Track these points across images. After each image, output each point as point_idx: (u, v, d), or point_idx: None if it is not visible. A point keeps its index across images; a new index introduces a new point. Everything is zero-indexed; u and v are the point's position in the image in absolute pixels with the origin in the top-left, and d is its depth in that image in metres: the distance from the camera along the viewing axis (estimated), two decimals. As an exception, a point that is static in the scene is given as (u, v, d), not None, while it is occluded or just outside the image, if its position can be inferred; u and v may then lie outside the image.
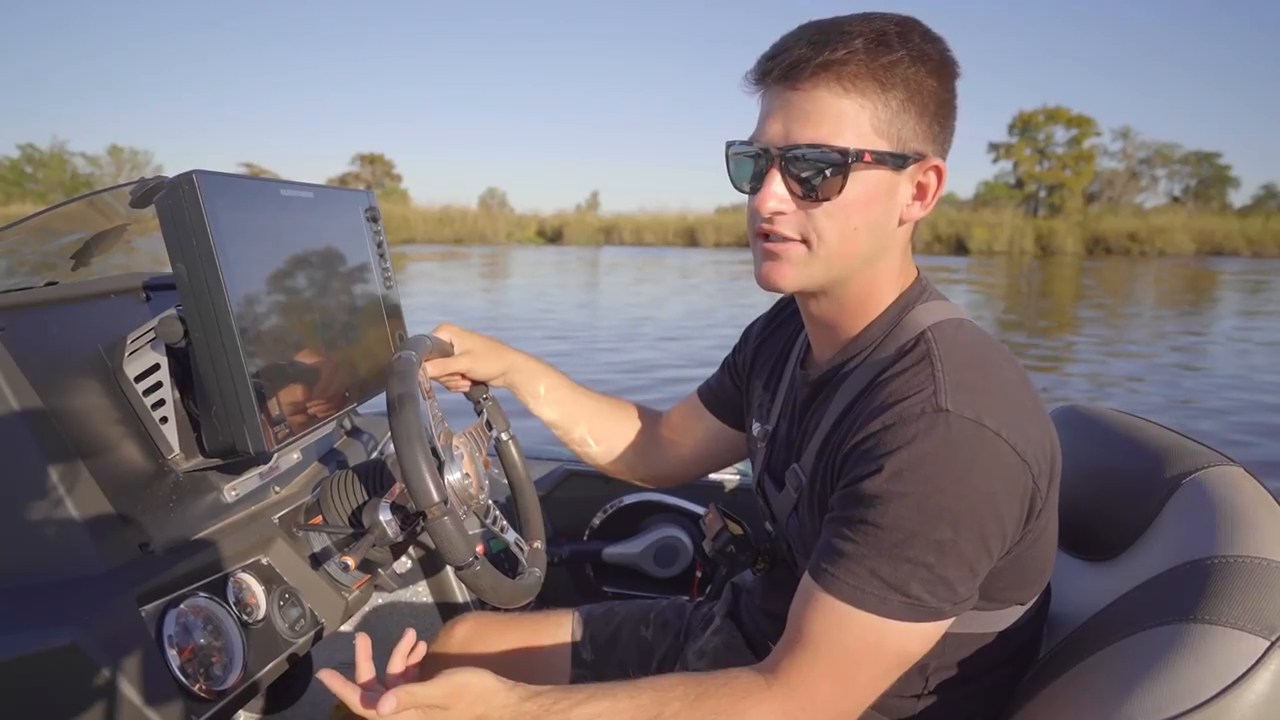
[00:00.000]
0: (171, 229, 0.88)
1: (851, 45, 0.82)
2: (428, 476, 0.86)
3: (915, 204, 0.90)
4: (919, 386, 0.82)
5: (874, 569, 0.79)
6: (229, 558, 0.98)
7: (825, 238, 0.87)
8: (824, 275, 0.90)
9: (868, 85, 0.83)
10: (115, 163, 49.21)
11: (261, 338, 0.95)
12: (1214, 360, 9.89)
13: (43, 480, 0.84)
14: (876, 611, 0.79)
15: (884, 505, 0.79)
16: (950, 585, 0.79)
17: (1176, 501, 0.94)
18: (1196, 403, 7.51)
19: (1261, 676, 0.72)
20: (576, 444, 1.31)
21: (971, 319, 0.93)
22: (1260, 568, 0.80)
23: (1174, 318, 14.78)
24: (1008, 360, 0.89)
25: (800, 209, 0.87)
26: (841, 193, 0.85)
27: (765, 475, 1.09)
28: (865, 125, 0.84)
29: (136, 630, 0.82)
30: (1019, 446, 0.80)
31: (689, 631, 1.27)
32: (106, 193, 1.20)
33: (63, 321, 0.98)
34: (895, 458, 0.79)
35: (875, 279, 0.93)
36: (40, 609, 0.80)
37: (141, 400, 0.99)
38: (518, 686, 0.86)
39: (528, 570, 1.12)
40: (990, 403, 0.81)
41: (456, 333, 1.19)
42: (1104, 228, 41.84)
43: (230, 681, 0.91)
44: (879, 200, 0.87)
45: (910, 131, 0.86)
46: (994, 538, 0.80)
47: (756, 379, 1.18)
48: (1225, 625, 0.76)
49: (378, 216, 1.32)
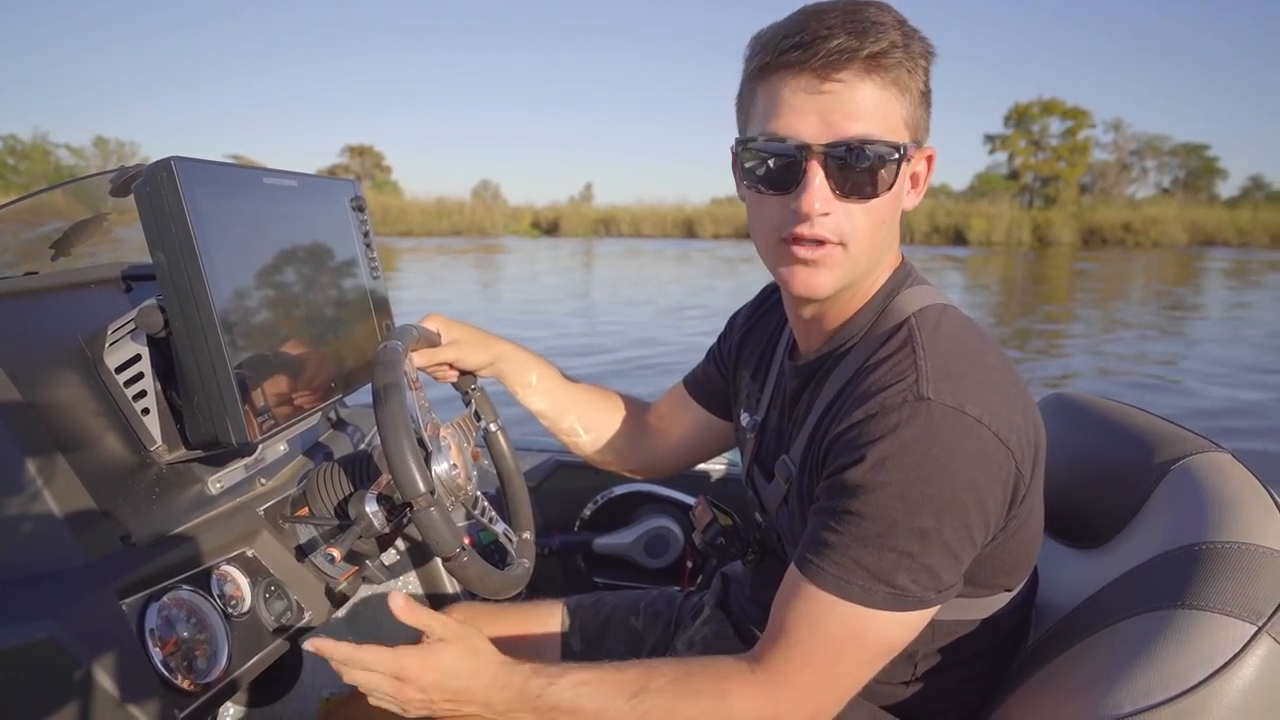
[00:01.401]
0: (150, 217, 0.87)
1: (890, 37, 0.81)
2: (414, 467, 0.85)
3: (912, 193, 0.91)
4: (901, 375, 0.82)
5: (858, 559, 0.79)
6: (213, 550, 0.97)
7: (861, 237, 0.85)
8: (853, 276, 0.89)
9: (901, 77, 0.83)
10: (101, 154, 48.09)
11: (244, 327, 0.94)
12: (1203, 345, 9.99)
13: (20, 473, 0.83)
14: (861, 602, 0.79)
15: (867, 495, 0.78)
16: (935, 573, 0.79)
17: (1165, 488, 0.94)
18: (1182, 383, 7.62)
19: (1249, 661, 0.72)
20: (565, 434, 1.31)
21: (955, 304, 0.93)
22: (1247, 553, 0.80)
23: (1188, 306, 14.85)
24: (990, 346, 0.88)
25: (842, 208, 0.84)
26: (891, 188, 0.84)
27: (755, 466, 1.08)
28: (898, 118, 0.83)
29: (117, 623, 0.81)
30: (1001, 433, 0.79)
31: (679, 621, 1.27)
32: (86, 180, 1.18)
33: (41, 312, 0.97)
34: (878, 447, 0.79)
35: (871, 270, 0.92)
36: (17, 602, 0.79)
37: (123, 391, 0.98)
38: (507, 663, 0.90)
39: (516, 561, 1.12)
40: (972, 390, 0.80)
41: (443, 322, 1.18)
42: (1099, 219, 42.03)
43: (214, 675, 0.90)
44: (901, 193, 0.87)
45: (922, 122, 0.87)
46: (977, 525, 0.80)
47: (744, 369, 1.17)
48: (1213, 611, 0.76)
49: (364, 206, 1.31)
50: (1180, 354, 9.53)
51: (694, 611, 1.26)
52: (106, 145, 48.55)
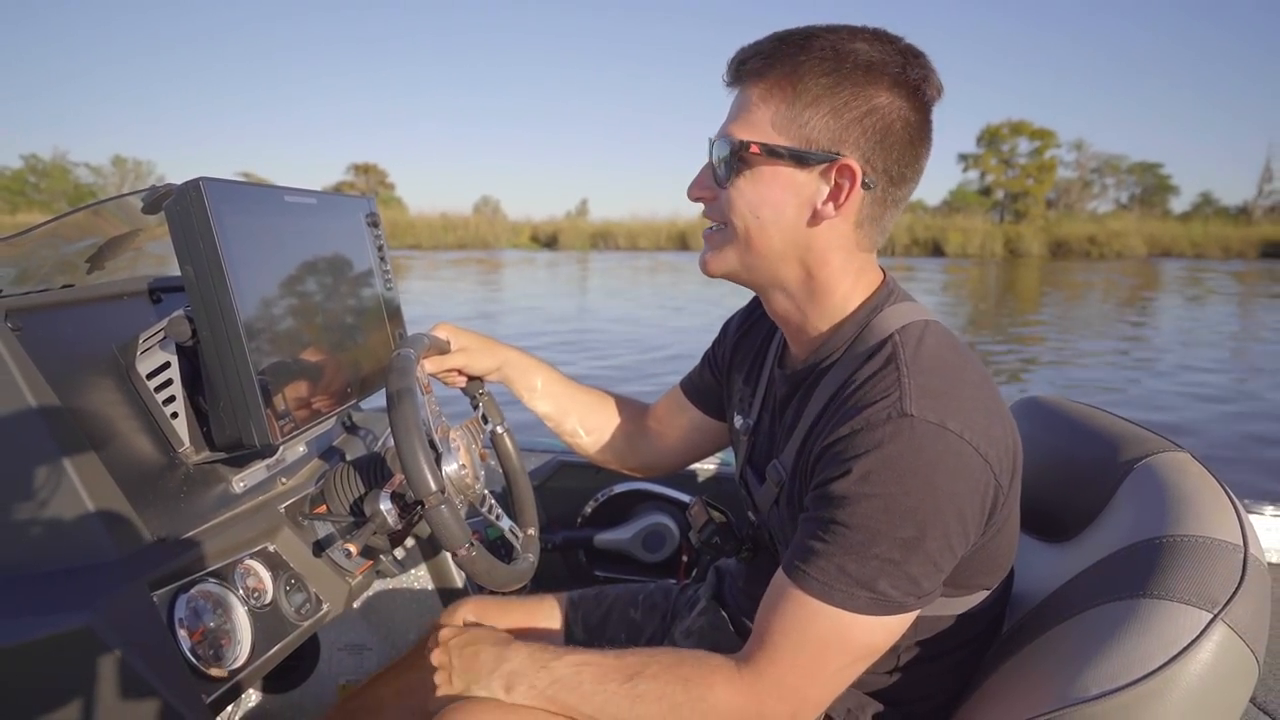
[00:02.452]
0: (179, 233, 0.87)
1: (769, 45, 0.86)
2: (425, 467, 0.85)
3: (829, 204, 0.86)
4: (885, 391, 0.82)
5: (842, 566, 0.79)
6: (237, 545, 0.98)
7: (733, 223, 0.90)
8: (743, 265, 0.93)
9: (776, 83, 0.85)
10: (119, 173, 48.09)
11: (266, 336, 0.95)
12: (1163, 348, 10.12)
13: (59, 472, 0.83)
14: (844, 606, 0.79)
15: (853, 506, 0.79)
16: (915, 581, 0.79)
17: (1129, 485, 0.95)
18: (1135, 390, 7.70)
19: (1205, 646, 0.73)
20: (568, 435, 1.31)
21: (937, 319, 0.93)
22: (1204, 545, 0.81)
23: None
24: (971, 362, 0.88)
25: (719, 194, 0.90)
26: (739, 177, 0.88)
27: (748, 467, 1.08)
28: (765, 122, 0.86)
29: (148, 614, 0.82)
30: (981, 448, 0.79)
31: (676, 613, 1.27)
32: (119, 200, 1.19)
33: (77, 322, 0.98)
34: (863, 461, 0.79)
35: (823, 279, 0.91)
36: (55, 594, 0.79)
37: (153, 396, 0.98)
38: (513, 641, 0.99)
39: (522, 556, 1.12)
40: (953, 406, 0.80)
41: (453, 331, 1.18)
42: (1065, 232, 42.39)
43: (238, 662, 0.91)
44: (779, 194, 0.87)
45: (821, 131, 0.84)
46: (957, 535, 0.80)
47: (736, 373, 1.17)
48: (1172, 600, 0.76)
49: (378, 221, 1.31)
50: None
51: (690, 603, 1.26)
52: (125, 164, 48.44)
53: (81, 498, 0.83)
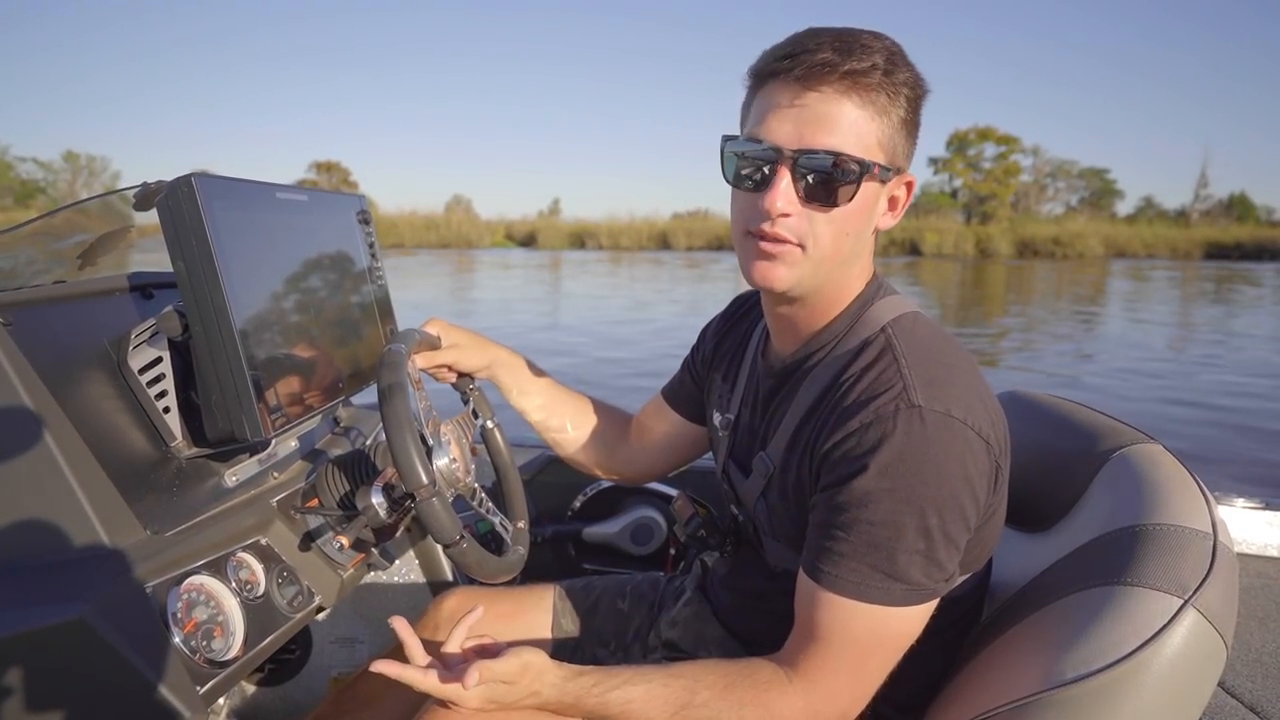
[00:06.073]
0: (171, 229, 0.86)
1: (874, 59, 0.80)
2: (416, 460, 0.85)
3: (888, 214, 0.90)
4: (888, 384, 0.82)
5: (874, 564, 0.79)
6: (229, 538, 0.96)
7: (821, 243, 0.84)
8: (812, 279, 0.88)
9: (880, 100, 0.81)
10: (72, 168, 45.09)
11: (258, 331, 0.94)
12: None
13: (52, 467, 0.82)
14: (881, 602, 0.80)
15: (874, 503, 0.79)
16: (941, 565, 0.80)
17: (1104, 476, 0.96)
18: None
19: (1176, 631, 0.74)
20: (552, 435, 1.30)
21: (924, 312, 0.94)
22: (1175, 534, 0.82)
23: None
24: (959, 350, 0.89)
25: (804, 212, 0.83)
26: (851, 201, 0.83)
27: (730, 462, 1.08)
28: (872, 138, 0.82)
29: (142, 605, 0.80)
30: (982, 431, 0.81)
31: (662, 603, 1.27)
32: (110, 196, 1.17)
33: (69, 317, 0.96)
34: (877, 456, 0.79)
35: (844, 280, 0.92)
36: (49, 587, 0.78)
37: (145, 391, 0.97)
38: (563, 666, 0.86)
39: (511, 548, 1.11)
40: (953, 393, 0.81)
41: (444, 327, 1.17)
42: (1030, 233, 43.29)
43: (231, 654, 0.89)
44: (868, 210, 0.86)
45: (900, 148, 0.85)
46: (971, 514, 0.81)
47: (715, 372, 1.17)
48: (1144, 586, 0.77)
49: (369, 219, 1.30)
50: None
51: (676, 594, 1.25)
52: (77, 159, 45.64)
53: (75, 492, 0.82)
